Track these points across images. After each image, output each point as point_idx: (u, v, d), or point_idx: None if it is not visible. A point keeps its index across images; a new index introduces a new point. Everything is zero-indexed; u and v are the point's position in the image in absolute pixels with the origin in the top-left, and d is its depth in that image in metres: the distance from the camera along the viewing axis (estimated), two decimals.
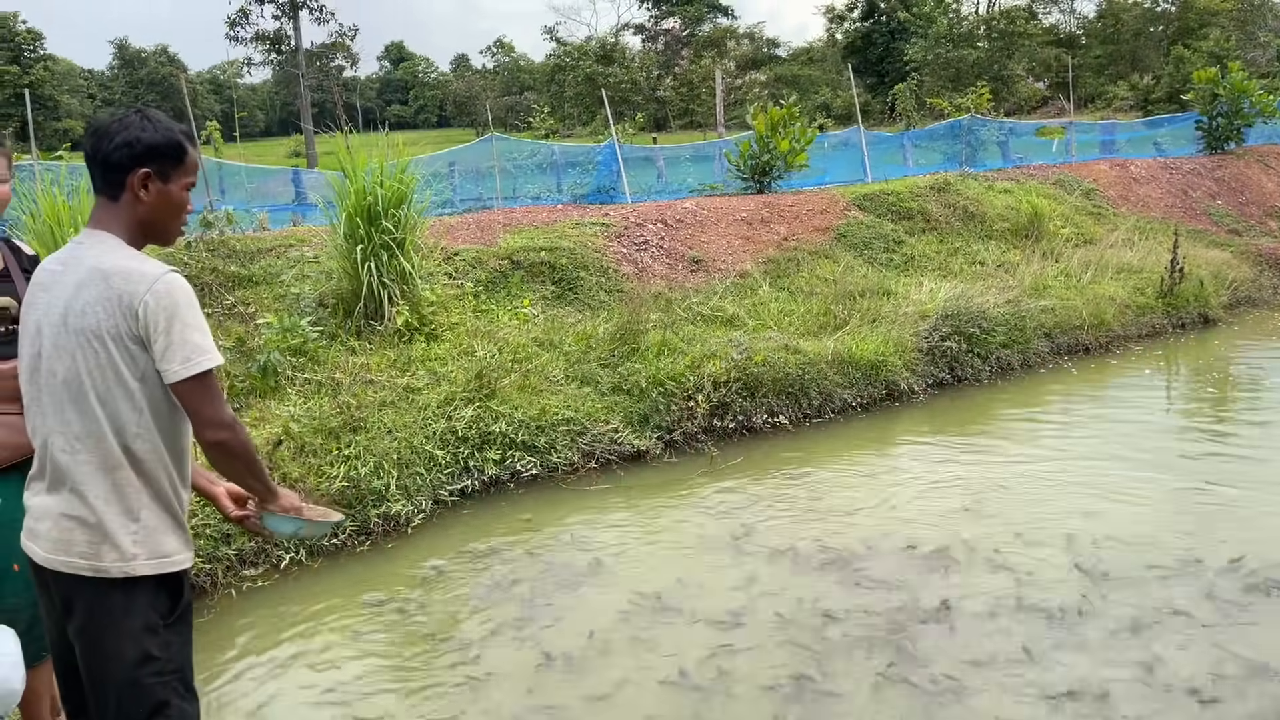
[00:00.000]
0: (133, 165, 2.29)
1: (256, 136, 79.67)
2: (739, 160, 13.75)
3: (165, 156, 2.32)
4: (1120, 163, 16.58)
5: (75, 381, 2.24)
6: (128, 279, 2.21)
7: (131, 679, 2.28)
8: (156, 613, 2.32)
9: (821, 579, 4.94)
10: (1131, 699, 3.79)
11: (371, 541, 5.56)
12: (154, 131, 2.30)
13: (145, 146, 2.29)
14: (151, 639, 2.30)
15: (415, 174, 8.07)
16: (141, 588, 2.29)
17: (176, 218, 2.40)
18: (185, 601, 2.40)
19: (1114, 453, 6.73)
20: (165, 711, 2.32)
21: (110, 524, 2.25)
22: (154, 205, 2.33)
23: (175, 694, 2.34)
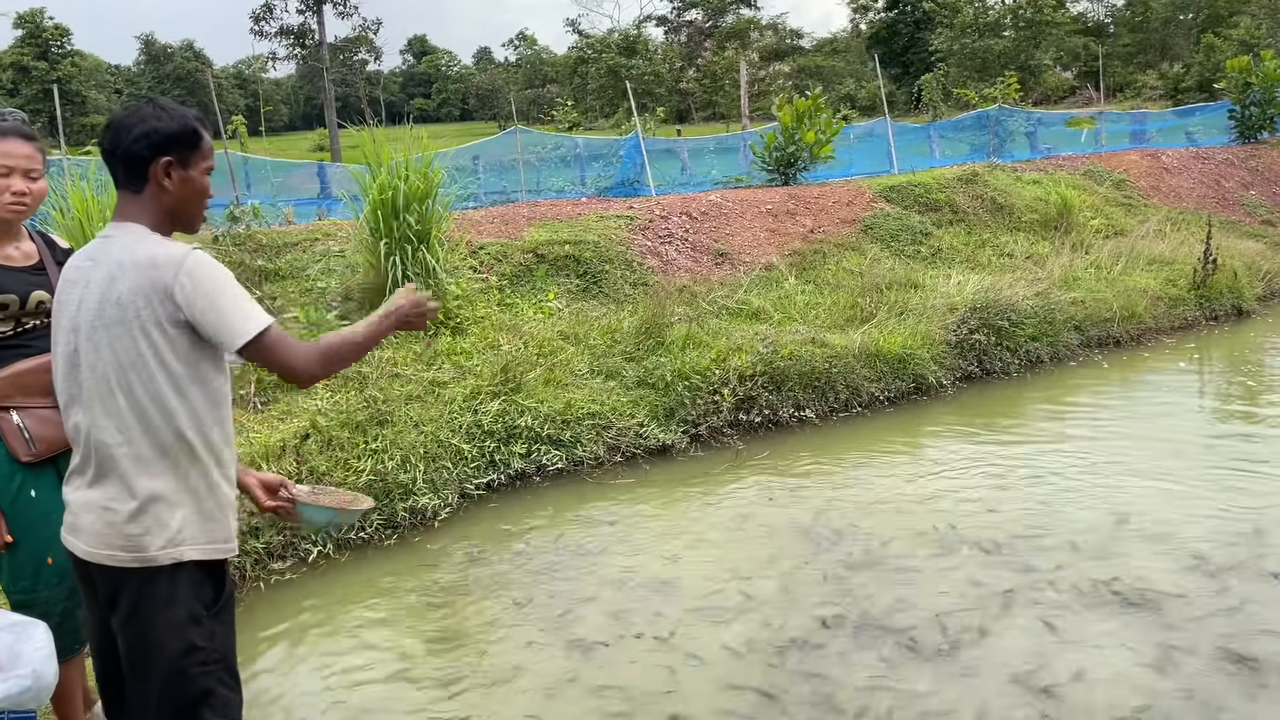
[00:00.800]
0: (153, 155, 2.30)
1: (281, 131, 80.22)
2: (764, 152, 13.67)
3: (183, 143, 2.33)
4: (1151, 152, 16.35)
5: (118, 373, 2.24)
6: (156, 265, 2.22)
7: (176, 669, 2.29)
8: (200, 603, 2.32)
9: (860, 573, 4.90)
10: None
11: (399, 535, 5.57)
12: (169, 119, 2.31)
13: (164, 135, 2.30)
14: (195, 629, 2.30)
15: (439, 168, 8.07)
16: (186, 577, 2.29)
17: (200, 203, 2.41)
18: (228, 591, 2.42)
19: (1145, 446, 6.63)
20: (209, 700, 2.33)
21: (157, 510, 2.25)
22: (178, 193, 2.34)
23: (220, 683, 2.35)
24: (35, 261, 2.82)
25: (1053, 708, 3.70)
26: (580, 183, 15.38)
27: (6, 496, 2.73)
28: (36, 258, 2.83)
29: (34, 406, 2.74)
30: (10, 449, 2.72)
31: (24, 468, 2.75)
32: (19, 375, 2.73)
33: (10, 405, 2.72)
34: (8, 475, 2.73)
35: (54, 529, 2.75)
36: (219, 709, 2.35)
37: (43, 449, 2.74)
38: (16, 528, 2.74)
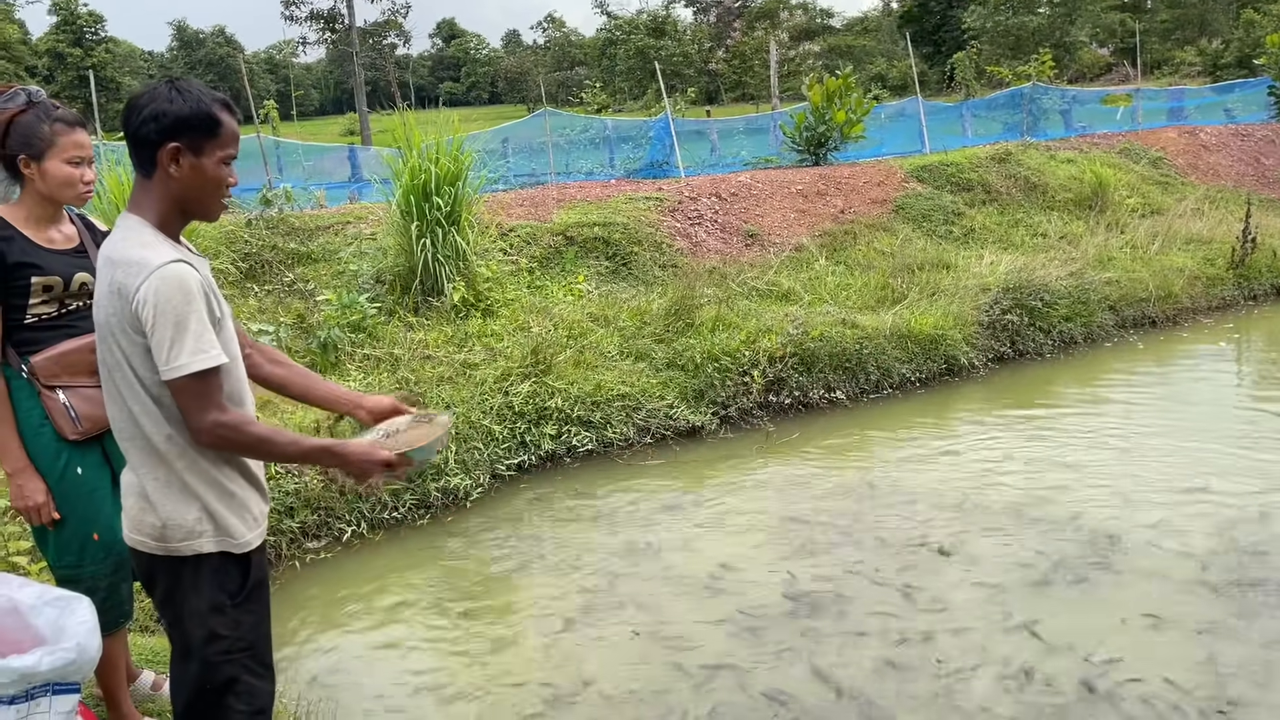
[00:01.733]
0: (161, 140, 2.17)
1: (312, 115, 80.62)
2: (794, 132, 13.58)
3: (195, 129, 2.18)
4: (1189, 130, 16.06)
5: (109, 375, 2.24)
6: (128, 271, 2.13)
7: (200, 657, 2.31)
8: (225, 591, 2.31)
9: (900, 556, 4.90)
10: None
11: (431, 515, 5.63)
12: (182, 103, 2.17)
13: (173, 119, 2.16)
14: (218, 618, 2.30)
15: (470, 151, 8.10)
16: (209, 565, 2.29)
17: (213, 194, 2.27)
18: (255, 579, 2.39)
19: (1181, 427, 6.56)
20: (234, 689, 2.34)
21: (169, 507, 2.25)
22: (187, 181, 2.21)
23: (246, 670, 2.35)
24: (77, 244, 2.88)
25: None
26: (609, 165, 15.36)
27: (53, 474, 2.79)
28: (77, 240, 2.89)
29: (79, 385, 2.79)
30: (57, 427, 2.78)
31: (70, 446, 2.81)
32: (64, 355, 2.79)
33: (57, 384, 2.78)
34: (54, 453, 2.79)
35: (99, 506, 2.82)
36: (244, 696, 2.35)
37: (88, 427, 2.79)
38: (63, 504, 2.80)
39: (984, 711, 3.61)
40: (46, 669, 2.42)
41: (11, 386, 2.76)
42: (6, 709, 2.44)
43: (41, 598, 2.59)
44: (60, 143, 2.74)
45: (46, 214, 2.81)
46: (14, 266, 2.71)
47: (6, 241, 2.71)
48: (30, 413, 2.77)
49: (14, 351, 2.77)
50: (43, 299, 2.78)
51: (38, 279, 2.74)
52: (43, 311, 2.79)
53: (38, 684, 2.46)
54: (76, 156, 2.77)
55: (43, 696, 2.48)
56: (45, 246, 2.79)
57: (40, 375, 2.76)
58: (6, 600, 2.60)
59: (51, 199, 2.78)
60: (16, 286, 2.73)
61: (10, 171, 2.78)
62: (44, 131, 2.73)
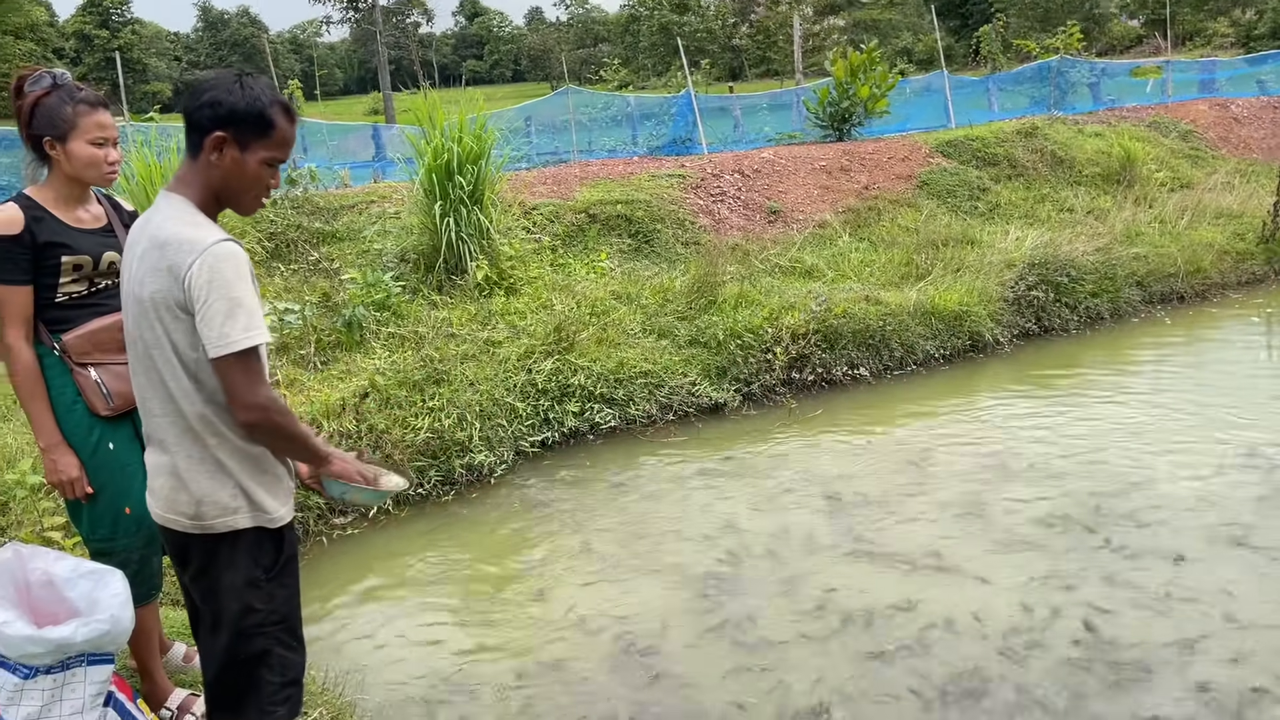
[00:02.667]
0: (211, 127, 2.21)
1: (335, 95, 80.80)
2: (818, 108, 13.48)
3: (247, 124, 2.22)
4: (1220, 102, 15.80)
5: (146, 353, 2.25)
6: (179, 248, 2.15)
7: (235, 629, 2.36)
8: (259, 566, 2.36)
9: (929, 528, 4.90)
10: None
11: (456, 491, 5.68)
12: (241, 97, 2.21)
13: (227, 110, 2.20)
14: (253, 593, 2.35)
15: (493, 129, 8.10)
16: (244, 541, 2.34)
17: (250, 191, 2.29)
18: (287, 554, 2.44)
19: (1210, 404, 6.50)
20: (267, 660, 2.40)
21: (203, 485, 2.28)
22: (227, 172, 2.24)
23: (278, 643, 2.41)
24: (105, 224, 2.93)
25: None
26: (632, 142, 15.32)
27: (86, 449, 2.85)
28: (105, 220, 2.94)
29: (110, 363, 2.85)
30: (89, 404, 2.84)
31: (102, 422, 2.86)
32: (95, 333, 2.85)
33: (88, 362, 2.83)
34: (87, 429, 2.85)
35: (131, 480, 2.87)
36: (276, 668, 2.41)
37: (119, 403, 2.85)
38: (96, 479, 2.86)
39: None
40: (81, 640, 2.49)
41: (44, 364, 2.82)
42: (44, 678, 2.51)
43: (76, 571, 2.66)
44: (83, 124, 2.77)
45: (74, 194, 2.86)
46: (45, 246, 2.76)
47: (37, 221, 2.76)
48: (63, 390, 2.83)
49: (46, 329, 2.82)
50: (73, 278, 2.83)
51: (68, 258, 2.79)
52: (73, 290, 2.84)
53: (73, 655, 2.53)
54: (100, 137, 2.80)
55: (78, 667, 2.56)
56: (74, 226, 2.84)
57: (72, 353, 2.82)
58: (42, 573, 2.67)
59: (78, 180, 2.83)
60: (47, 266, 2.78)
61: (38, 153, 2.82)
62: (67, 113, 2.76)
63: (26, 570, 2.67)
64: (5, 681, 2.50)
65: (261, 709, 2.42)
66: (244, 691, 2.41)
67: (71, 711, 2.54)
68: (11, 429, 5.37)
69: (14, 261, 2.73)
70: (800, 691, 3.65)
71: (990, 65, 21.75)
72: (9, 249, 2.72)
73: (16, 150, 11.21)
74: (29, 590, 2.66)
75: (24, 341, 2.79)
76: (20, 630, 2.45)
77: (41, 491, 4.46)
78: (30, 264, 2.75)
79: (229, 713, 2.44)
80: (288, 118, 2.28)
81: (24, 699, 2.50)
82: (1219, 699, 3.47)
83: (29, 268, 2.75)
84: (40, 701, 2.51)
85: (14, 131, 11.04)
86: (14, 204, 2.77)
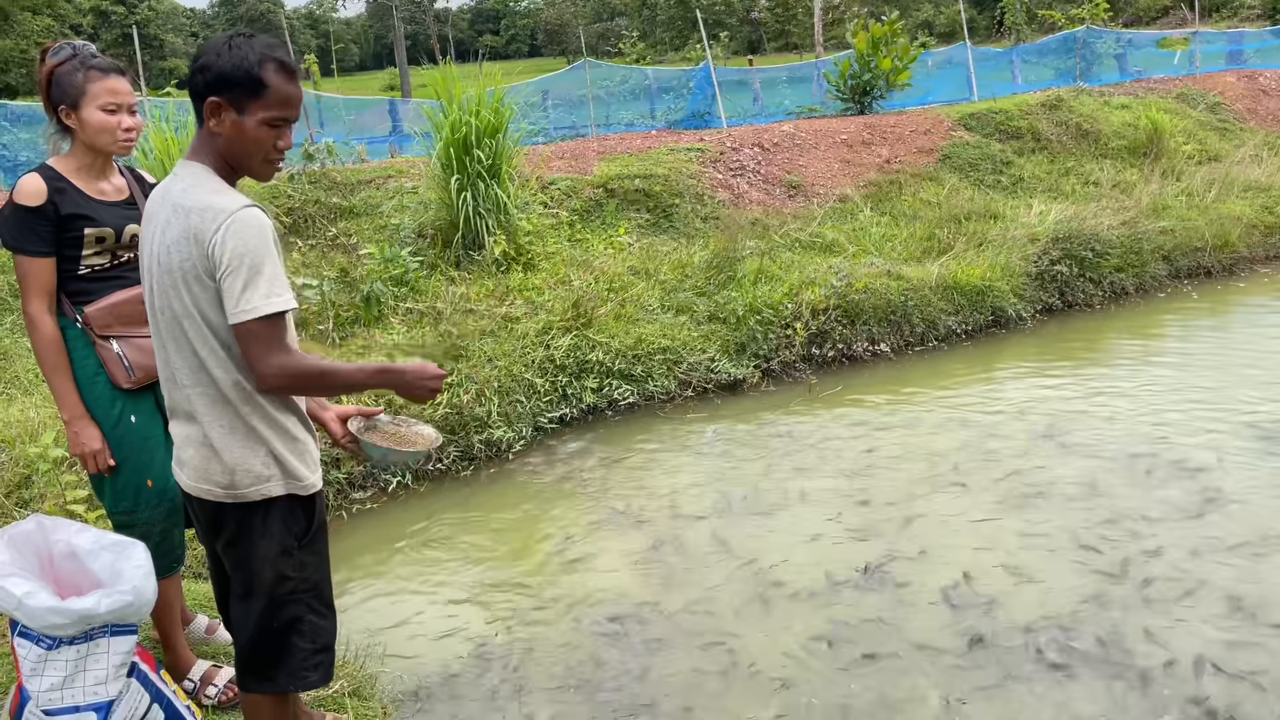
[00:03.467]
0: (206, 92, 2.17)
1: (352, 70, 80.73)
2: (838, 81, 13.35)
3: (238, 86, 2.15)
4: (1248, 74, 15.53)
5: (174, 321, 2.23)
6: (203, 215, 2.13)
7: (268, 597, 2.37)
8: (292, 534, 2.37)
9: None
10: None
11: (474, 467, 5.68)
12: (229, 58, 2.14)
13: (216, 74, 2.14)
14: (286, 561, 2.37)
15: (510, 103, 8.05)
16: (277, 509, 2.34)
17: (256, 154, 2.23)
18: (318, 521, 2.45)
19: (1239, 381, 6.41)
20: (298, 627, 2.42)
21: (236, 454, 2.27)
22: (229, 137, 2.20)
23: (310, 610, 2.43)
24: (126, 196, 2.91)
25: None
26: (650, 116, 15.23)
27: (108, 422, 2.85)
28: (127, 192, 2.92)
29: (132, 335, 2.84)
30: (111, 376, 2.84)
31: (124, 394, 2.86)
32: (117, 305, 2.84)
33: (110, 334, 2.83)
34: (109, 402, 2.85)
35: (153, 453, 2.87)
36: (307, 634, 2.43)
37: (141, 376, 2.85)
38: (118, 452, 2.86)
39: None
40: (105, 611, 2.49)
41: (67, 336, 2.82)
42: (67, 649, 2.52)
43: (99, 542, 2.67)
44: (93, 89, 2.74)
45: (96, 165, 2.84)
46: (67, 218, 2.74)
47: (59, 193, 2.74)
48: (85, 362, 2.83)
49: (68, 302, 2.82)
50: (95, 250, 2.81)
51: (90, 230, 2.78)
52: (95, 263, 2.83)
53: (97, 625, 2.53)
54: (111, 103, 2.77)
55: (102, 637, 2.56)
56: (96, 198, 2.82)
57: (94, 325, 2.81)
58: (65, 545, 2.67)
59: (95, 148, 2.80)
60: (69, 238, 2.77)
61: (60, 124, 2.80)
62: (78, 79, 2.74)
63: (50, 542, 2.68)
64: (29, 652, 2.51)
65: (294, 675, 2.44)
66: (276, 658, 2.42)
67: (95, 682, 2.55)
68: (34, 403, 5.40)
69: (37, 233, 2.72)
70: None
71: (1014, 36, 21.48)
72: (32, 221, 2.71)
73: (37, 126, 11.25)
74: (52, 562, 2.67)
75: (47, 314, 2.78)
76: (44, 601, 2.45)
77: (64, 465, 4.48)
78: (53, 236, 2.74)
79: (261, 679, 2.46)
80: (284, 75, 2.20)
81: (48, 669, 2.51)
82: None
83: (52, 240, 2.74)
84: (64, 672, 2.52)
85: (33, 107, 11.07)
86: (37, 175, 2.76)
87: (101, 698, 2.55)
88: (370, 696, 3.37)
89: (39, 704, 2.50)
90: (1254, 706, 3.27)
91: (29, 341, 2.89)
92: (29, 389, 5.72)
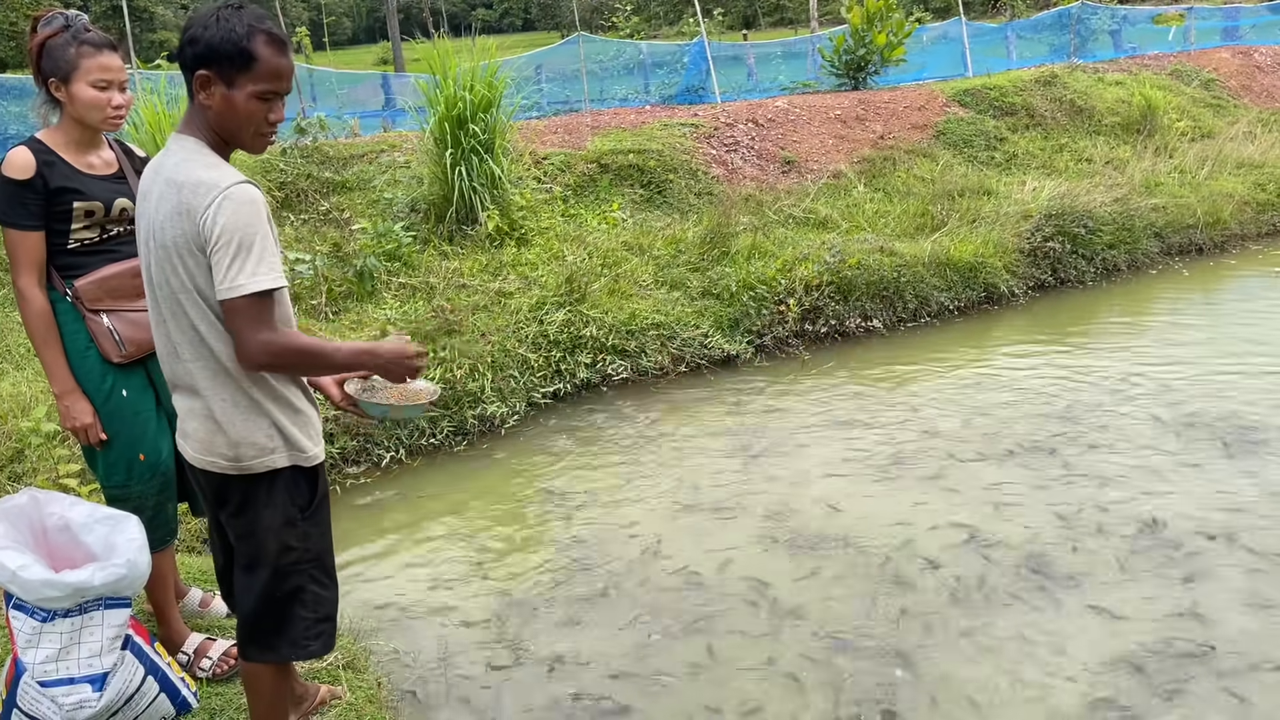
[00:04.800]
0: (195, 65, 2.15)
1: (344, 44, 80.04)
2: (833, 56, 13.29)
3: (227, 59, 2.13)
4: (1244, 50, 15.51)
5: (172, 296, 2.22)
6: (195, 190, 2.12)
7: (272, 568, 2.39)
8: (296, 505, 2.39)
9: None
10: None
11: (468, 442, 5.70)
12: (217, 30, 2.12)
13: (204, 46, 2.12)
14: (290, 531, 2.38)
15: (504, 77, 8.00)
16: (281, 480, 2.36)
17: (247, 128, 2.21)
18: (321, 492, 2.47)
19: (1229, 354, 6.45)
20: (301, 597, 2.44)
21: (240, 427, 2.28)
22: (219, 111, 2.18)
23: (313, 581, 2.45)
24: (116, 170, 2.90)
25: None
26: (644, 91, 15.14)
27: (100, 396, 2.85)
28: (116, 166, 2.90)
29: (123, 309, 2.84)
30: (102, 350, 2.84)
31: (115, 369, 2.86)
32: (107, 279, 2.83)
33: (101, 308, 2.82)
34: (100, 376, 2.85)
35: (144, 427, 2.88)
36: (310, 604, 2.46)
37: (132, 350, 2.85)
38: (110, 426, 2.86)
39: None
40: (99, 584, 2.51)
41: (57, 310, 2.81)
42: (62, 621, 2.54)
43: (92, 516, 2.68)
44: (84, 65, 2.72)
45: (85, 139, 2.83)
46: (56, 191, 2.73)
47: (48, 166, 2.73)
48: (76, 336, 2.83)
49: (59, 275, 2.81)
50: (84, 224, 2.80)
51: (79, 204, 2.77)
52: (84, 237, 2.82)
53: (91, 598, 2.55)
54: (102, 80, 2.75)
55: (95, 610, 2.58)
56: (85, 172, 2.81)
57: (84, 299, 2.81)
58: (59, 519, 2.69)
59: (84, 123, 2.79)
60: (58, 211, 2.75)
61: (49, 96, 2.79)
62: (70, 54, 2.72)
63: (43, 515, 2.69)
64: (24, 625, 2.53)
65: (295, 644, 2.46)
66: (279, 628, 2.45)
67: (89, 654, 2.57)
68: (26, 377, 5.39)
69: (25, 207, 2.72)
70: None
71: (1009, 12, 21.39)
72: (20, 194, 2.70)
73: (27, 99, 11.14)
74: (46, 535, 2.68)
75: (37, 288, 2.78)
76: (38, 574, 2.47)
77: (57, 439, 4.49)
78: (42, 210, 2.73)
79: (264, 649, 2.48)
80: (273, 47, 2.17)
81: (42, 641, 2.53)
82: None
83: (41, 213, 2.74)
84: (58, 644, 2.54)
85: (23, 80, 10.96)
86: (25, 148, 2.74)
87: (96, 670, 2.57)
88: (364, 669, 3.39)
89: (34, 675, 2.52)
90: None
91: (19, 316, 2.89)
92: (20, 364, 5.71)
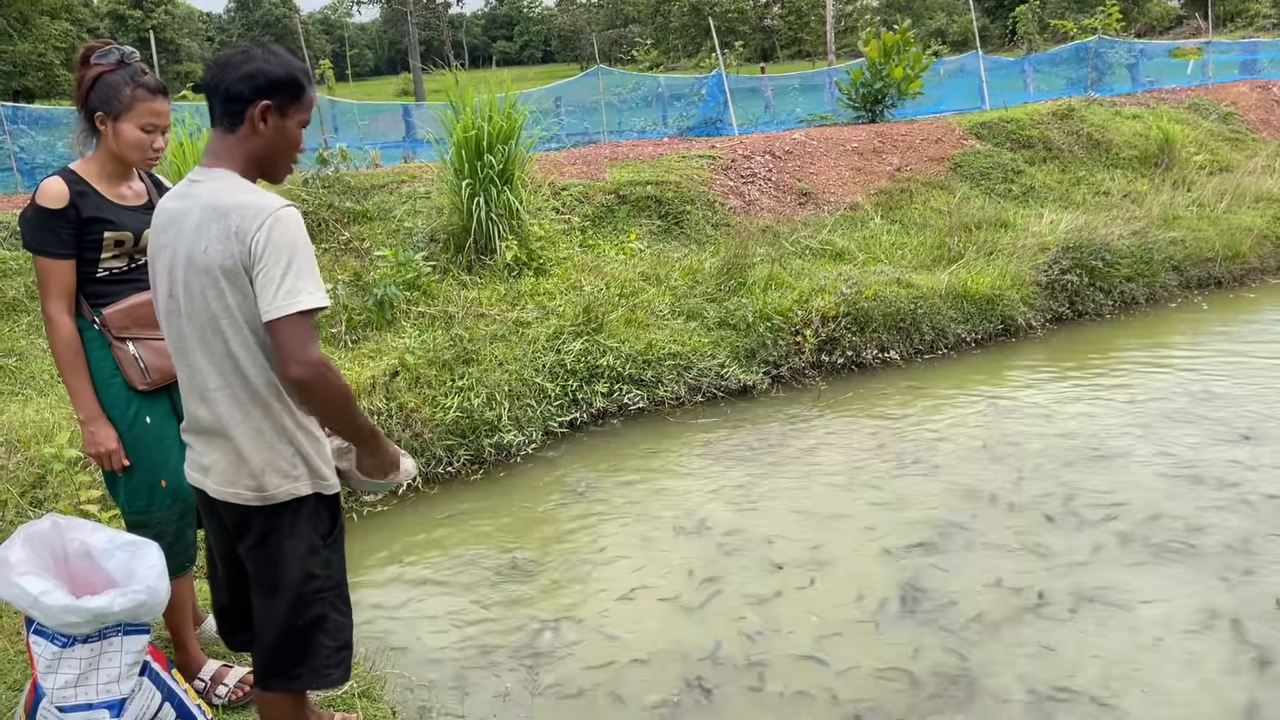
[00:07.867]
0: (254, 97, 2.26)
1: (366, 75, 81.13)
2: (850, 89, 13.37)
3: (285, 91, 2.30)
4: (1262, 84, 15.50)
5: (211, 321, 2.25)
6: (243, 214, 2.18)
7: (295, 596, 2.41)
8: (318, 533, 2.42)
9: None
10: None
11: (484, 470, 5.71)
12: (277, 65, 2.29)
13: (268, 79, 2.27)
14: (313, 559, 2.41)
15: (523, 109, 8.09)
16: (305, 509, 2.39)
17: (289, 154, 2.38)
18: (340, 521, 2.51)
19: (1248, 390, 6.40)
20: (323, 625, 2.46)
21: (264, 456, 2.31)
22: (270, 140, 2.31)
23: (333, 608, 2.47)
24: (146, 200, 2.96)
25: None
26: (662, 123, 15.27)
27: (124, 423, 2.89)
28: (146, 197, 2.97)
29: (148, 338, 2.89)
30: (127, 378, 2.88)
31: (140, 395, 2.90)
32: (134, 308, 2.88)
33: (127, 336, 2.87)
34: (125, 402, 2.89)
35: (167, 454, 2.91)
36: (331, 632, 2.47)
37: (156, 378, 2.89)
38: (133, 452, 2.90)
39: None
40: (119, 610, 2.52)
41: (84, 337, 2.86)
42: (81, 647, 2.55)
43: (113, 542, 2.70)
44: (138, 108, 2.78)
45: (118, 171, 2.89)
46: (88, 221, 2.79)
47: (81, 197, 2.79)
48: (102, 363, 2.87)
49: (87, 303, 2.86)
50: (114, 253, 2.86)
51: (110, 234, 2.82)
52: (113, 266, 2.88)
53: (110, 624, 2.57)
54: (151, 124, 2.81)
55: (115, 636, 2.59)
56: (117, 203, 2.87)
57: (111, 327, 2.85)
58: (80, 544, 2.71)
59: (121, 158, 2.85)
60: (89, 240, 2.81)
61: (90, 125, 2.85)
62: (125, 94, 2.77)
63: (65, 541, 2.71)
64: (44, 650, 2.54)
65: (318, 672, 2.47)
66: (301, 657, 2.46)
67: (108, 680, 2.58)
68: (49, 403, 5.45)
69: (58, 235, 2.77)
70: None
71: (1026, 46, 21.48)
72: (53, 223, 2.76)
73: (54, 129, 11.33)
74: (67, 561, 2.70)
75: (66, 315, 2.83)
76: (59, 600, 2.48)
77: (78, 465, 4.53)
78: (74, 238, 2.79)
79: (286, 678, 2.49)
80: (309, 81, 2.41)
81: (62, 667, 2.54)
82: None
83: (72, 242, 2.79)
84: (77, 670, 2.55)
85: (51, 111, 11.14)
86: (59, 178, 2.80)
87: (114, 695, 2.58)
88: (379, 697, 3.39)
89: (53, 700, 2.53)
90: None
91: (45, 342, 2.94)
92: (44, 390, 5.76)
